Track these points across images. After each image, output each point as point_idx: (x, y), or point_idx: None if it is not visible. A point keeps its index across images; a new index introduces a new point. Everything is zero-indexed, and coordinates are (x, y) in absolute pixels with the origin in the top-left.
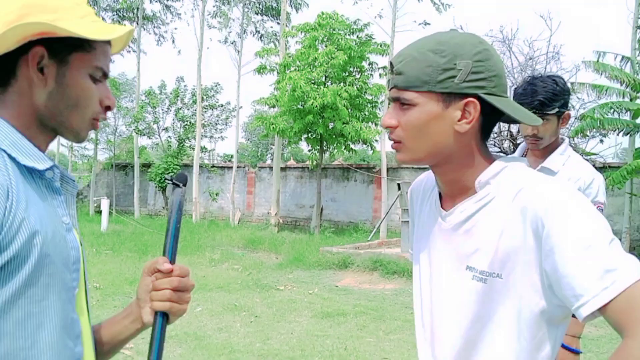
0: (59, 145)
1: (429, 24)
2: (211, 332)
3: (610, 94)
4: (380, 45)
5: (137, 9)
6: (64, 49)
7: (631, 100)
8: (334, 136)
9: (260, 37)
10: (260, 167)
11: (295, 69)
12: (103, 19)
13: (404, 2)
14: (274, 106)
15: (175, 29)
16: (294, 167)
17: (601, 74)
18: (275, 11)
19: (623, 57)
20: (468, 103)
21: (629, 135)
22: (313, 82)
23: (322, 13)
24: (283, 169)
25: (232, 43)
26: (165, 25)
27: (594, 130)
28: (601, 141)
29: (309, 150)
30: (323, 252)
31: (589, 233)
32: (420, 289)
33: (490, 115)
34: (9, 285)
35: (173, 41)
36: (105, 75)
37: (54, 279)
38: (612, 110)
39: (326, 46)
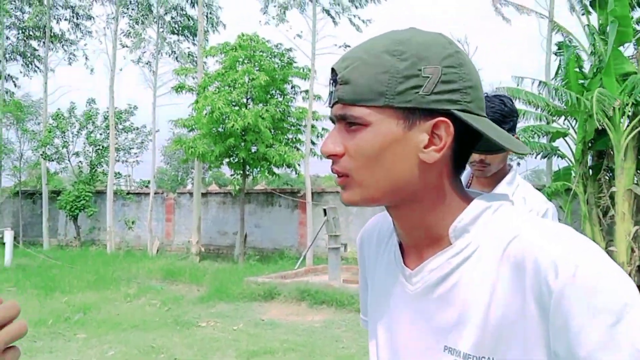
0: None
1: (349, 45)
2: None
3: (528, 118)
4: (302, 69)
5: (44, 27)
6: None
7: (548, 123)
8: (256, 160)
9: (177, 58)
10: (180, 193)
11: (214, 90)
12: (7, 37)
13: (323, 24)
14: (192, 129)
15: (85, 44)
16: (216, 193)
17: (516, 99)
18: (191, 30)
19: (540, 82)
20: (438, 123)
21: (546, 158)
22: (233, 103)
23: (243, 34)
24: (204, 195)
25: (147, 63)
26: (74, 44)
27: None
28: (518, 164)
29: (231, 175)
30: (247, 283)
31: (615, 299)
32: None
33: (467, 140)
34: None
35: (87, 58)
36: None
37: None
38: (534, 133)
39: (247, 67)
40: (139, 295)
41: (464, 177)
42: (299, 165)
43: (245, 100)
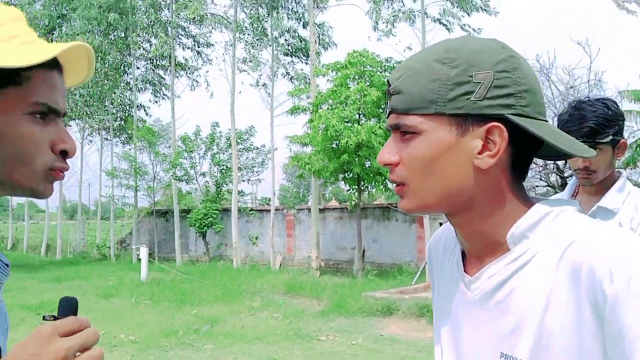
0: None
1: None
2: None
3: None
4: None
5: (169, 56)
6: None
7: None
8: (371, 175)
9: (291, 79)
10: (299, 209)
11: (327, 108)
12: (137, 67)
13: (433, 35)
14: (306, 144)
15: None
16: (333, 208)
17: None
18: (303, 51)
19: None
20: (491, 129)
21: None
22: (346, 120)
23: (353, 51)
24: (322, 210)
25: (263, 85)
26: (197, 70)
27: None
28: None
29: (347, 190)
30: (366, 298)
31: None
32: None
33: (524, 145)
34: None
35: (208, 84)
36: (55, 112)
37: None
38: None
39: (358, 83)
40: (262, 309)
41: (570, 187)
42: None
43: (357, 116)
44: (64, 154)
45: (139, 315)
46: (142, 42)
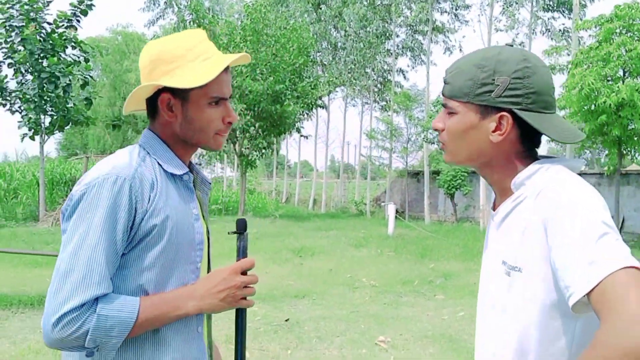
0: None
1: None
2: (467, 336)
3: None
4: None
5: (427, 20)
6: (183, 91)
7: None
8: (635, 138)
9: (550, 36)
10: None
11: (586, 67)
12: (397, 35)
13: None
14: (563, 108)
15: (463, 36)
16: (588, 174)
17: None
18: (567, 5)
19: None
20: (502, 116)
21: None
22: (608, 78)
23: (620, 4)
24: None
25: (521, 44)
26: (453, 33)
27: None
28: None
29: (606, 155)
30: None
31: (579, 231)
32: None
33: (529, 128)
34: (150, 253)
35: (460, 50)
36: (223, 98)
37: (179, 253)
38: None
39: (623, 38)
40: None
41: None
42: None
43: (621, 73)
44: (228, 124)
45: (382, 264)
46: (403, 9)
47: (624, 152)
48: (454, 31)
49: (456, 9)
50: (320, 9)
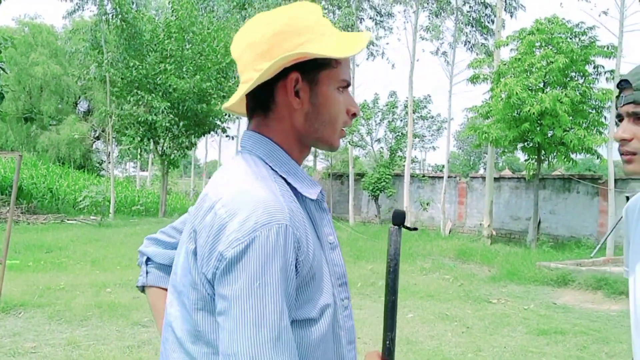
0: None
1: None
2: (423, 338)
3: None
4: (607, 48)
5: (353, 25)
6: (314, 70)
7: None
8: (553, 145)
9: (471, 48)
10: (472, 177)
11: (510, 76)
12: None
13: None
14: (487, 117)
15: (387, 43)
16: (509, 178)
17: None
18: (488, 19)
19: None
20: None
21: None
22: (530, 88)
23: (541, 18)
24: (497, 179)
25: (443, 54)
26: (378, 40)
27: None
28: None
29: (525, 160)
30: (540, 267)
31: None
32: (635, 303)
33: None
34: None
35: (382, 56)
36: (349, 84)
37: (326, 294)
38: None
39: (544, 51)
40: (433, 270)
41: None
42: (597, 149)
43: (542, 84)
44: (353, 115)
45: None
46: (327, 14)
47: (543, 158)
48: (378, 38)
49: (380, 16)
50: (246, 9)
